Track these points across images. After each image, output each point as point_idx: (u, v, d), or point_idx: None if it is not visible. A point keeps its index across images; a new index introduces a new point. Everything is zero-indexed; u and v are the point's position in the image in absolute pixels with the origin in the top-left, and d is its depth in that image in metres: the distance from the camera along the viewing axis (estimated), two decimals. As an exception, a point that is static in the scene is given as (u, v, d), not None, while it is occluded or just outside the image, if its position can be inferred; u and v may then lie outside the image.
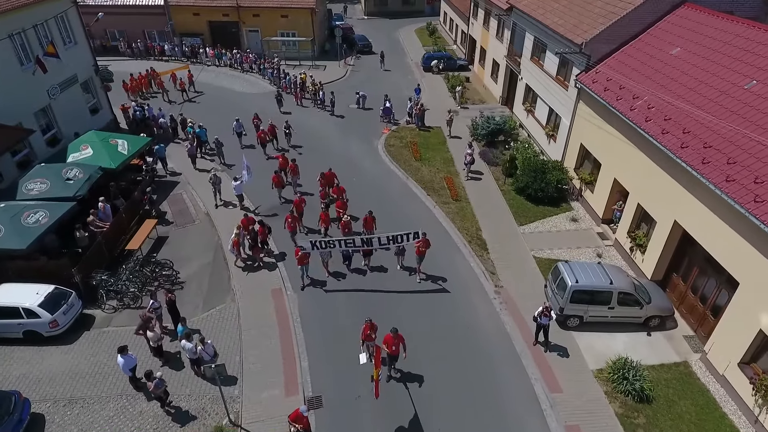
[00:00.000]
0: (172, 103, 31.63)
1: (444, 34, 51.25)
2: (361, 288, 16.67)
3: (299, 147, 26.18)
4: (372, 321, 13.16)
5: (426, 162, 24.70)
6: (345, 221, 17.94)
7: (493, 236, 19.10)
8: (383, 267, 17.64)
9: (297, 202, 19.11)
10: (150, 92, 33.71)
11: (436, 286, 16.71)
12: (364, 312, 14.70)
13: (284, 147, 25.98)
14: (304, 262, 16.06)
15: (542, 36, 24.40)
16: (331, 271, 17.10)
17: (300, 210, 18.92)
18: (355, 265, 17.46)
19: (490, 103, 32.61)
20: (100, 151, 20.01)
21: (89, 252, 16.12)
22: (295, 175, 21.54)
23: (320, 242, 15.90)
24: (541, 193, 20.64)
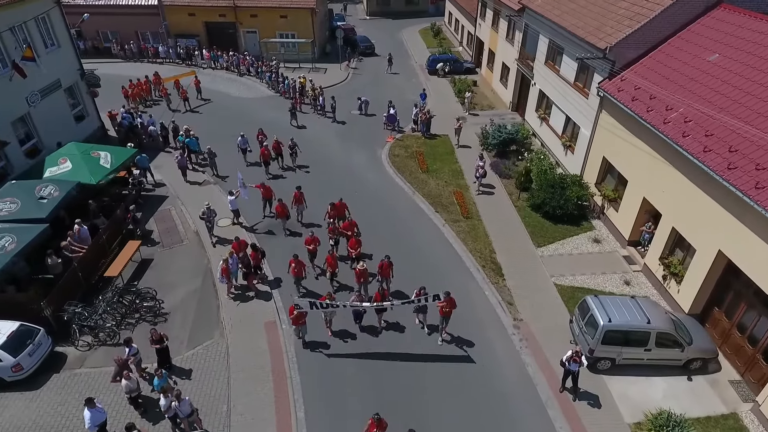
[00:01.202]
0: (176, 111, 29.62)
1: (449, 35, 49.56)
2: (371, 351, 13.96)
3: (305, 167, 23.63)
4: (381, 418, 10.68)
5: (433, 174, 23.02)
6: (360, 270, 15.05)
7: (509, 260, 17.42)
8: (399, 324, 14.92)
9: (308, 240, 16.28)
10: (152, 99, 31.66)
11: (460, 352, 13.91)
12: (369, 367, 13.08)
13: (289, 165, 23.65)
14: (299, 322, 13.55)
15: (558, 39, 22.70)
16: (334, 330, 14.51)
17: (313, 251, 16.26)
18: (366, 321, 14.65)
19: (499, 109, 30.92)
20: (80, 165, 18.36)
21: (62, 281, 14.46)
22: (300, 204, 18.79)
23: (322, 303, 13.18)
24: (560, 210, 18.95)
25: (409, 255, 17.56)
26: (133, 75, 35.40)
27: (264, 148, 22.51)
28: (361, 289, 15.43)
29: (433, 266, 17.12)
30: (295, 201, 18.59)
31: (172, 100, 30.40)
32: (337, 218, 17.91)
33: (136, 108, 29.16)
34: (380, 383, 13.02)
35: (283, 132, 26.61)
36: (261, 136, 23.93)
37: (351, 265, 16.25)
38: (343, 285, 16.25)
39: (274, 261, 17.30)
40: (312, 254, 16.38)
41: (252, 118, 29.13)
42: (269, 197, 19.20)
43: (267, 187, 19.21)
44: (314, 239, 16.26)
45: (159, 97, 31.51)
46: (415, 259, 17.41)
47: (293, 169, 23.50)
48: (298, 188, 18.65)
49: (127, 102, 29.51)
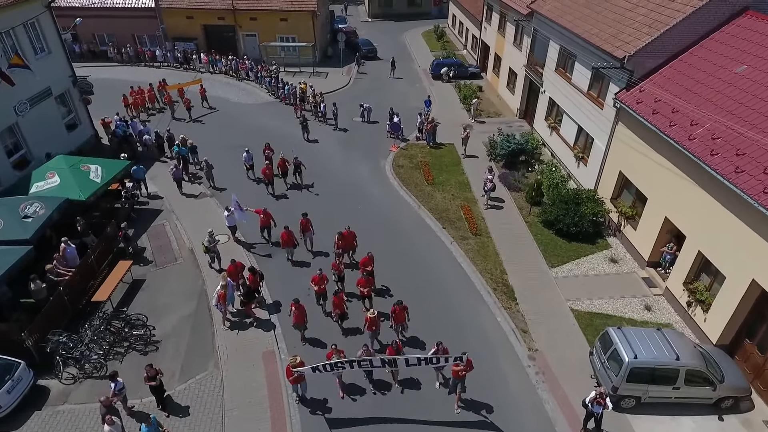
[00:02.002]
0: (180, 121, 28.45)
1: (453, 37, 48.57)
2: (383, 414, 12.19)
3: (310, 187, 22.10)
4: None
5: (439, 186, 22.05)
6: (371, 318, 13.11)
7: (522, 281, 16.46)
8: (415, 380, 13.07)
9: (315, 279, 14.46)
10: (155, 107, 30.21)
11: (479, 417, 12.19)
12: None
13: (296, 182, 22.17)
14: (299, 382, 12.10)
15: (570, 45, 21.73)
16: (345, 388, 12.71)
17: (320, 291, 14.53)
18: (378, 374, 12.84)
19: (506, 116, 29.95)
20: (69, 179, 17.41)
21: (46, 308, 13.50)
22: (308, 231, 17.23)
23: (325, 366, 11.47)
24: (574, 228, 17.98)
25: (416, 276, 16.63)
26: (130, 80, 34.52)
27: (266, 167, 20.94)
28: (372, 341, 13.57)
29: (441, 288, 16.18)
30: (302, 229, 17.05)
31: (176, 108, 29.08)
32: (345, 250, 16.57)
33: (137, 116, 27.93)
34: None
35: (287, 142, 25.73)
36: (268, 151, 22.55)
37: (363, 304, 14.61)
38: (352, 329, 14.51)
39: (273, 282, 16.37)
40: (320, 295, 14.70)
41: (252, 125, 28.25)
42: (267, 224, 17.78)
43: (267, 214, 17.69)
44: (322, 278, 14.49)
45: (164, 105, 30.03)
46: (422, 280, 16.48)
47: (299, 187, 22.14)
48: (304, 215, 17.07)
49: (127, 110, 28.33)
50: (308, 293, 15.03)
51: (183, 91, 29.73)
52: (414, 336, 14.26)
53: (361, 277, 14.74)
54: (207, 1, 37.61)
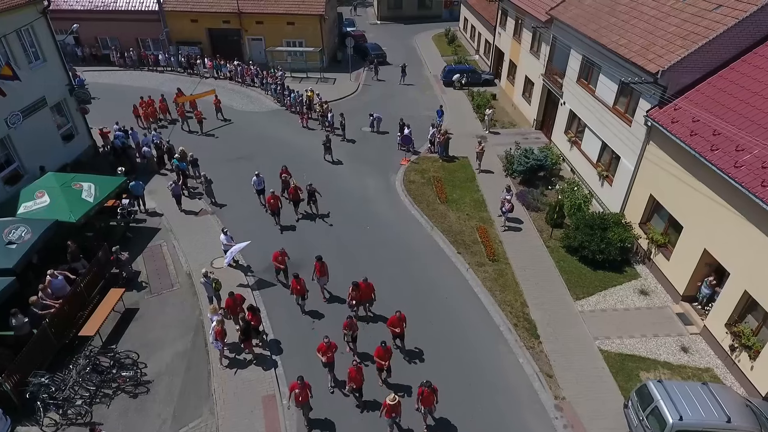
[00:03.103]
0: (193, 133, 27.19)
1: (464, 41, 47.25)
2: None
3: (325, 217, 19.94)
4: None
5: (453, 205, 20.77)
6: (391, 405, 10.73)
7: (545, 316, 15.15)
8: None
9: (323, 348, 12.10)
10: (167, 119, 28.66)
11: None
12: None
13: (310, 212, 20.10)
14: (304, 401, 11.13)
15: (595, 56, 20.37)
16: None
17: (329, 360, 12.31)
18: None
19: (521, 127, 28.61)
20: (59, 199, 16.30)
21: (28, 347, 12.37)
22: (323, 276, 15.16)
23: None
24: (601, 255, 16.64)
25: (429, 308, 15.39)
26: (133, 85, 33.86)
27: (271, 195, 18.67)
28: (391, 429, 11.54)
29: (457, 323, 14.91)
30: (317, 273, 15.01)
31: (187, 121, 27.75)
32: (360, 303, 14.57)
33: (148, 128, 26.57)
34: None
35: (293, 153, 24.65)
36: (285, 174, 20.57)
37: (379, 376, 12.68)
38: (370, 403, 12.27)
39: (276, 314, 15.19)
40: (328, 365, 12.46)
41: (257, 135, 27.18)
42: (284, 268, 15.96)
43: (284, 256, 15.74)
44: (330, 346, 12.14)
45: (176, 118, 28.35)
46: (435, 313, 15.22)
47: (312, 217, 20.08)
48: (318, 258, 14.90)
49: (138, 121, 27.11)
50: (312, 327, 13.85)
51: (195, 103, 28.28)
52: (443, 419, 12.02)
53: (379, 347, 12.12)
54: (212, 5, 36.58)
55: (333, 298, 15.75)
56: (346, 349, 13.56)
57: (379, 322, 14.66)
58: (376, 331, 14.19)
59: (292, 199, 19.31)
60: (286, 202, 19.60)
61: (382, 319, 14.60)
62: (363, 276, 14.46)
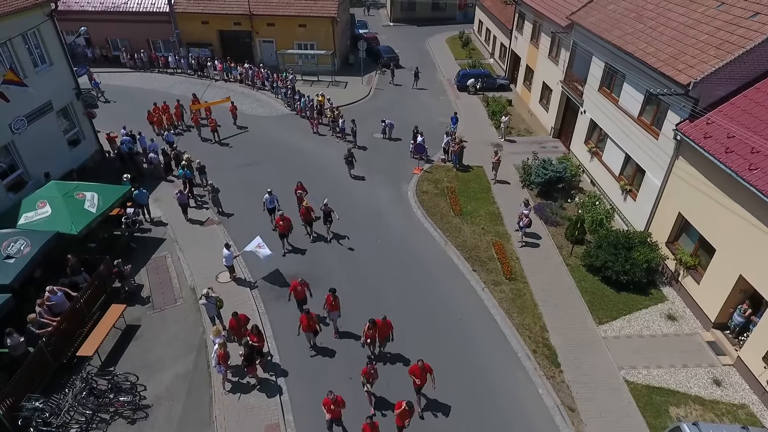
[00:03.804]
0: (206, 141, 26.37)
1: (479, 44, 46.34)
2: None
3: (341, 239, 18.60)
4: None
5: (468, 218, 19.96)
6: None
7: (565, 341, 14.30)
8: None
9: (328, 403, 10.74)
10: (183, 125, 27.92)
11: None
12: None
13: (323, 234, 18.60)
14: None
15: (619, 64, 19.44)
16: None
17: (335, 416, 10.93)
18: None
19: (538, 135, 27.69)
20: (61, 210, 15.77)
21: (22, 370, 11.80)
22: (335, 311, 13.78)
23: None
24: (625, 277, 15.73)
25: (442, 330, 14.61)
26: (142, 87, 33.58)
27: (279, 217, 17.26)
28: None
29: (471, 348, 14.10)
30: (329, 307, 13.72)
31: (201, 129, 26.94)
32: (376, 341, 13.09)
33: (162, 135, 25.84)
34: None
35: (307, 165, 24.01)
36: (300, 191, 19.30)
37: None
38: None
39: (281, 333, 14.51)
40: (334, 420, 11.09)
41: (267, 140, 26.61)
42: (302, 298, 14.49)
43: (304, 287, 14.33)
44: (337, 401, 10.72)
45: (190, 125, 27.60)
46: (449, 336, 14.43)
47: (325, 239, 18.70)
48: (332, 291, 13.58)
49: (152, 128, 26.32)
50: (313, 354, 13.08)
51: (210, 110, 27.41)
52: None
53: (398, 402, 10.67)
54: (223, 6, 36.10)
55: (345, 333, 14.35)
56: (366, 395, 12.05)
57: (398, 364, 13.44)
58: (392, 375, 13.01)
59: (304, 221, 18.02)
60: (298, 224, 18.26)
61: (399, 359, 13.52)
62: (375, 303, 13.77)
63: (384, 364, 13.31)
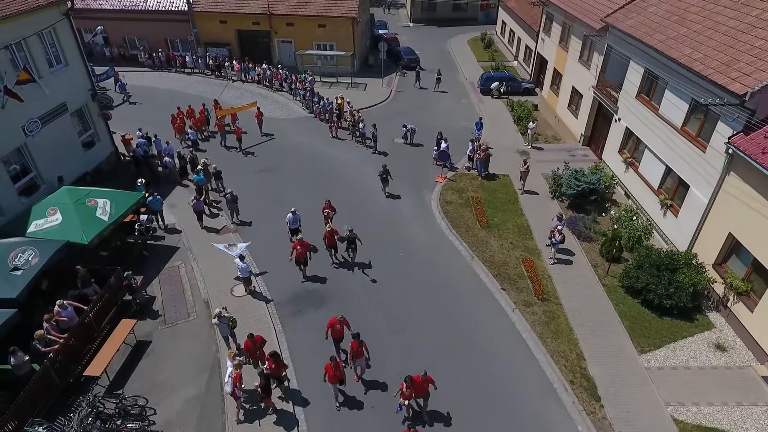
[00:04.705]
0: (231, 150, 25.17)
1: (501, 46, 45.10)
2: None
3: (366, 268, 16.95)
4: None
5: (495, 231, 18.91)
6: None
7: (605, 371, 13.19)
8: None
9: None
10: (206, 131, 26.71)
11: None
12: None
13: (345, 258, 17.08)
14: None
15: (660, 70, 18.22)
16: None
17: None
18: None
19: (567, 142, 26.49)
20: (72, 217, 15.11)
21: (27, 390, 11.11)
22: (360, 357, 12.20)
23: None
24: (669, 301, 14.55)
25: (470, 357, 13.59)
26: (160, 87, 33.16)
27: (298, 242, 15.62)
28: None
29: (502, 378, 13.06)
30: (353, 355, 12.11)
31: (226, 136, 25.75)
32: (413, 399, 11.42)
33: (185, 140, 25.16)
34: None
35: (326, 171, 23.21)
36: (327, 209, 17.83)
37: None
38: None
39: (299, 352, 13.64)
40: None
41: (284, 144, 25.89)
42: (340, 337, 13.16)
43: (343, 325, 12.90)
44: None
45: (214, 131, 26.45)
46: (477, 362, 13.42)
47: (349, 266, 17.07)
48: (356, 337, 12.01)
49: (174, 134, 25.32)
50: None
51: (236, 116, 26.22)
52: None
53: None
54: (242, 5, 35.45)
55: (371, 383, 12.69)
56: None
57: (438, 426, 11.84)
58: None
59: (328, 245, 16.57)
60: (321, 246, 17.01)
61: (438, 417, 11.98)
62: (397, 329, 12.69)
63: (423, 428, 11.67)
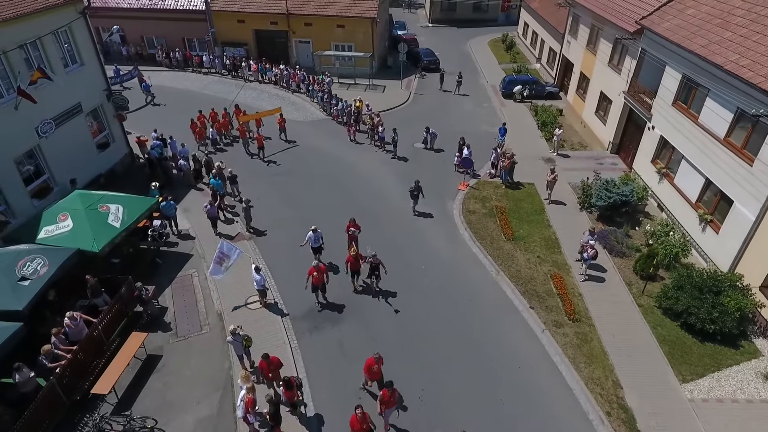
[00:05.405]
0: (254, 157, 24.18)
1: (523, 48, 43.98)
2: None
3: (390, 297, 15.44)
4: None
5: (521, 243, 17.99)
6: None
7: (644, 402, 12.23)
8: None
9: None
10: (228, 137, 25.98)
11: None
12: None
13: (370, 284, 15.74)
14: None
15: (701, 76, 17.14)
16: None
17: None
18: None
19: (594, 149, 25.42)
20: (83, 224, 14.57)
21: (32, 409, 10.54)
22: (391, 407, 10.98)
23: None
24: (712, 325, 13.53)
25: (496, 381, 12.73)
26: (177, 87, 32.81)
27: (314, 267, 14.30)
28: None
29: (532, 406, 12.18)
30: (384, 404, 10.80)
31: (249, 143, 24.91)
32: None
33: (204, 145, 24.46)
34: None
35: (344, 177, 22.50)
36: (352, 228, 16.41)
37: None
38: None
39: (316, 372, 12.91)
40: None
41: (301, 147, 25.14)
42: (380, 378, 11.88)
43: (380, 365, 11.74)
44: None
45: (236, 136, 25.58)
46: (505, 388, 12.55)
47: (371, 292, 15.71)
48: (388, 385, 10.67)
49: (195, 138, 24.22)
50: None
51: (260, 122, 25.36)
52: None
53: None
54: (260, 5, 34.93)
55: None
56: None
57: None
58: None
59: (351, 270, 15.22)
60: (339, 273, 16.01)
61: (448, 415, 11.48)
62: (418, 354, 11.96)
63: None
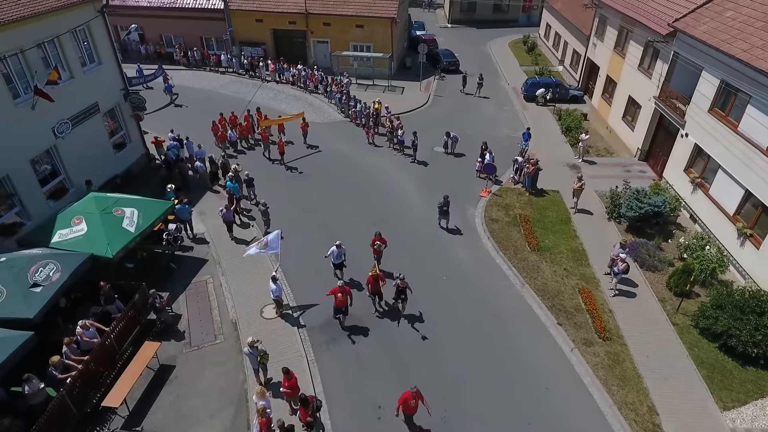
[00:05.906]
0: (274, 162, 23.39)
1: (545, 50, 42.99)
2: None
3: (418, 321, 14.35)
4: None
5: (546, 254, 17.26)
6: None
7: (682, 429, 11.48)
8: None
9: None
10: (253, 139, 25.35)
11: None
12: None
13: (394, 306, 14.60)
14: None
15: (742, 82, 16.24)
16: None
17: None
18: None
19: (621, 156, 24.50)
20: (97, 228, 14.20)
21: (39, 424, 10.15)
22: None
23: None
24: (755, 349, 12.69)
25: (523, 403, 12.06)
26: (195, 87, 32.59)
27: (338, 288, 13.28)
28: None
29: (561, 431, 11.49)
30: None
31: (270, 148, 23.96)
32: None
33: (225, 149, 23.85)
34: None
35: (364, 182, 21.98)
36: (378, 242, 15.53)
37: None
38: None
39: (333, 388, 12.36)
40: None
41: (321, 150, 24.61)
42: (413, 413, 10.98)
43: (418, 399, 10.71)
44: None
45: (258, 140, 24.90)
46: (533, 411, 11.87)
47: (394, 316, 14.58)
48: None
49: (216, 142, 23.61)
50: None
51: (283, 127, 24.62)
52: None
53: None
54: (278, 4, 34.54)
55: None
56: None
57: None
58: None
59: (372, 291, 14.25)
60: None
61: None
62: (442, 375, 11.33)
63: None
